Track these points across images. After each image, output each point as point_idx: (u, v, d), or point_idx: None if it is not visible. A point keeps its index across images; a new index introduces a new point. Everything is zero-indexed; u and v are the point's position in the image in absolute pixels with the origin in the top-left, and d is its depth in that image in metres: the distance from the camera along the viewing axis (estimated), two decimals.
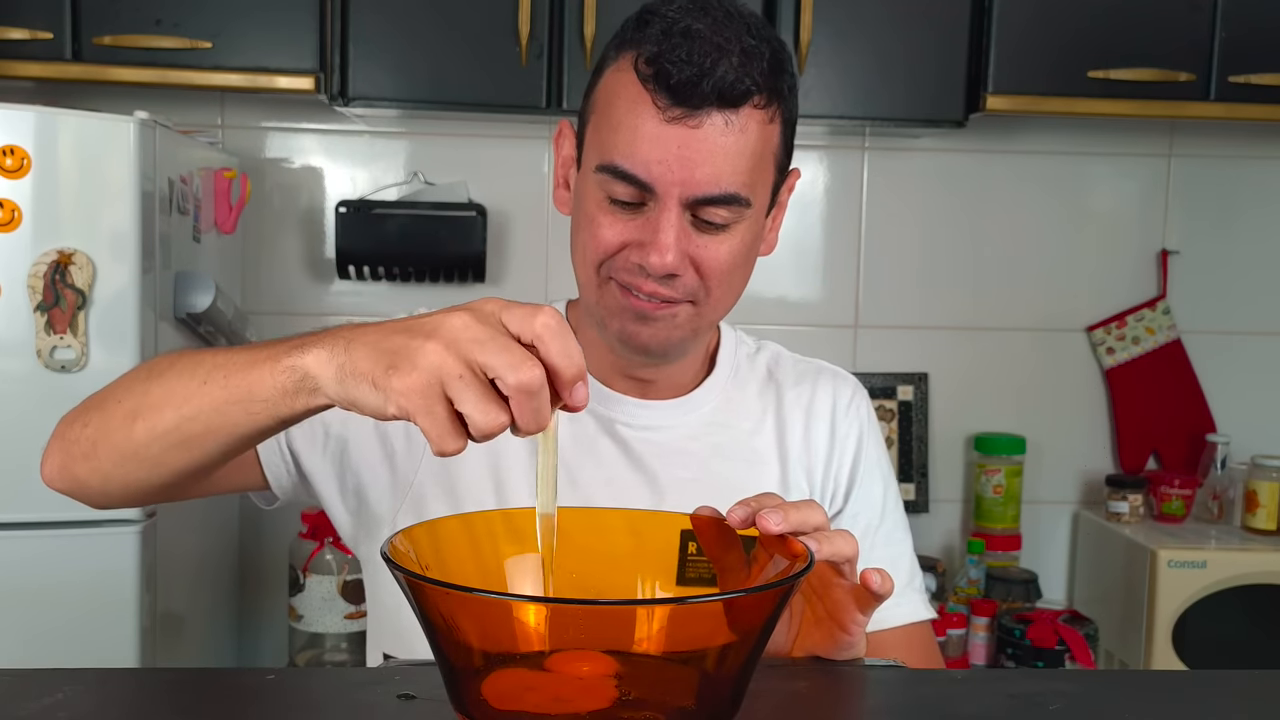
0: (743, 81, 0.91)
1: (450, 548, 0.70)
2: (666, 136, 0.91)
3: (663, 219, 0.93)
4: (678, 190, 0.92)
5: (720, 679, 0.61)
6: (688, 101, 0.90)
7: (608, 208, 0.95)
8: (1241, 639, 2.16)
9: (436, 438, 0.65)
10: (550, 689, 0.59)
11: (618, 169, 0.93)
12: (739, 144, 0.92)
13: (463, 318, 0.66)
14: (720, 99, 0.91)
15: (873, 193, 2.42)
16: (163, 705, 0.74)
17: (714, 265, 0.96)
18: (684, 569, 0.74)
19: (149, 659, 1.69)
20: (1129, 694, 0.80)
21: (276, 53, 1.96)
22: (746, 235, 0.97)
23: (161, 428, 0.80)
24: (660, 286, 0.95)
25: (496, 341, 0.64)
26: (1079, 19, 2.04)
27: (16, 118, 1.60)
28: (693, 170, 0.91)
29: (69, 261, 1.61)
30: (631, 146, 0.92)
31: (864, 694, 0.81)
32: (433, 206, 2.23)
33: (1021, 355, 2.47)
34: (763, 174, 0.97)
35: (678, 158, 0.91)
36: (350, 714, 0.72)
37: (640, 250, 0.94)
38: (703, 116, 0.91)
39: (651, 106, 0.91)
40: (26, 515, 1.62)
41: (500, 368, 0.64)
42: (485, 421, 0.64)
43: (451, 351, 0.64)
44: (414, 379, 0.65)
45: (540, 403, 0.64)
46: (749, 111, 0.93)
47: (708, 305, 0.98)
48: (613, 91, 0.95)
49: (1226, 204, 2.47)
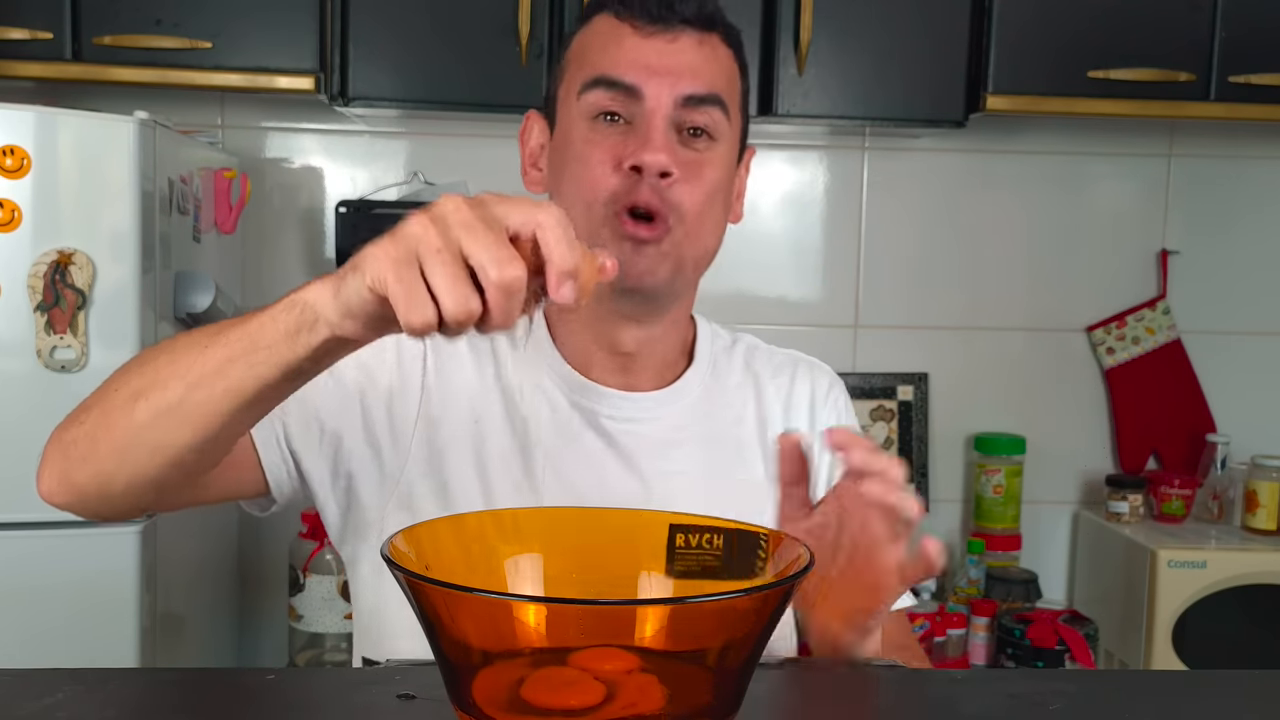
0: (709, 8, 1.01)
1: (450, 547, 0.70)
2: (646, 47, 0.99)
3: (653, 119, 0.98)
4: (666, 88, 0.98)
5: (720, 678, 0.61)
6: (662, 20, 0.99)
7: (597, 132, 1.00)
8: (1241, 639, 2.16)
9: (404, 305, 0.63)
10: (549, 687, 0.59)
11: (604, 78, 0.99)
12: (714, 58, 1.01)
13: (457, 200, 0.65)
14: (692, 20, 1.00)
15: (873, 193, 2.42)
16: (163, 705, 0.74)
17: (698, 178, 0.99)
18: (672, 561, 0.74)
19: (149, 659, 1.69)
20: (1129, 694, 0.80)
21: (276, 53, 1.96)
22: (722, 162, 1.02)
23: (166, 403, 0.78)
24: (654, 195, 0.97)
25: (488, 233, 0.63)
26: (1079, 19, 2.04)
27: (16, 118, 1.60)
28: (676, 71, 0.98)
29: (69, 261, 1.61)
30: (615, 57, 0.99)
31: (864, 694, 0.81)
32: None
33: (1021, 355, 2.47)
34: (733, 99, 1.03)
35: (660, 62, 0.98)
36: (350, 714, 0.72)
37: (634, 155, 0.97)
38: (677, 32, 0.99)
39: (629, 29, 1.00)
40: (26, 515, 1.62)
41: (484, 260, 0.62)
42: (454, 304, 0.62)
43: (435, 226, 0.63)
44: (387, 246, 0.64)
45: (514, 303, 0.63)
46: (719, 39, 1.02)
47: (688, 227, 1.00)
48: (588, 37, 1.03)
49: (1226, 204, 2.47)
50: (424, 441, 1.02)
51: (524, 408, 1.04)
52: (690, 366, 1.11)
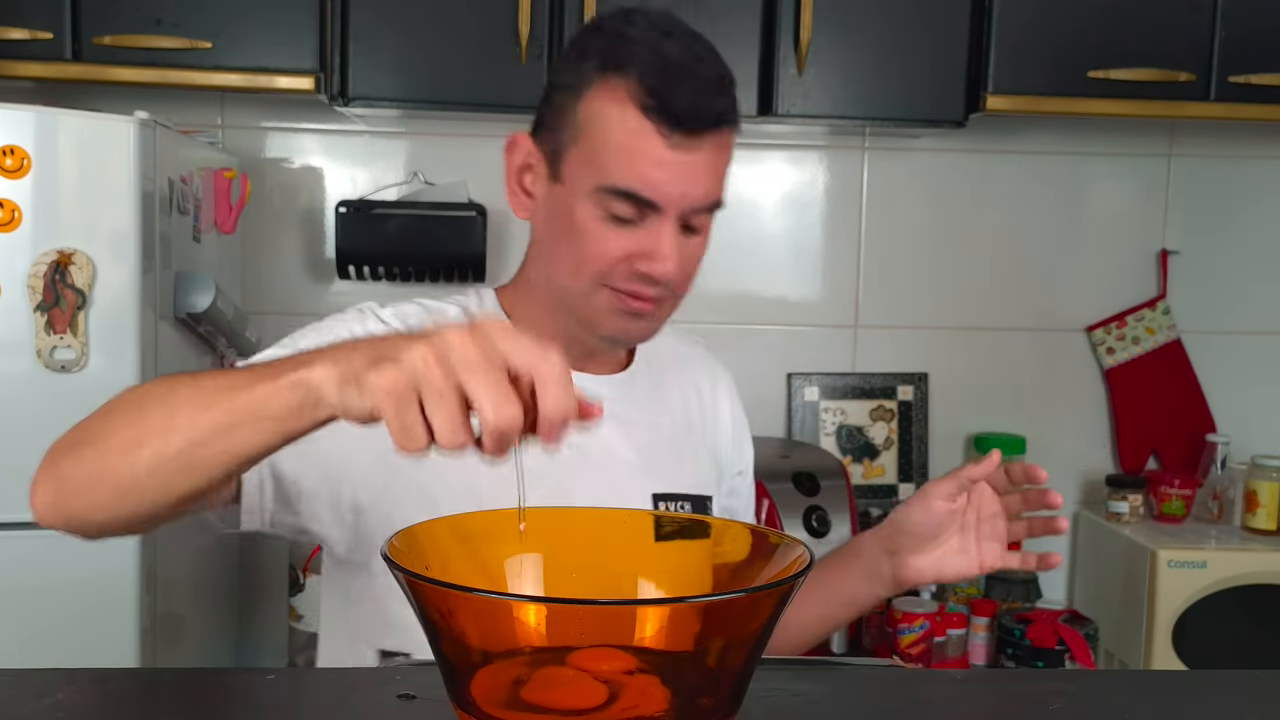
0: (732, 107, 1.03)
1: (450, 547, 0.70)
2: (672, 162, 1.00)
3: (664, 232, 1.02)
4: (679, 205, 1.02)
5: (720, 678, 0.61)
6: (692, 130, 1.00)
7: (607, 224, 1.03)
8: (1241, 639, 2.16)
9: (399, 436, 0.66)
10: (549, 687, 0.59)
11: (624, 191, 1.01)
12: (724, 158, 1.05)
13: (462, 334, 0.67)
14: (717, 123, 1.02)
15: (873, 193, 2.42)
16: (163, 705, 0.74)
17: (691, 264, 1.07)
18: (660, 527, 0.77)
19: (149, 659, 1.69)
20: (1129, 694, 0.80)
21: (276, 53, 1.96)
22: (708, 233, 1.09)
23: (167, 454, 0.79)
24: (649, 288, 1.05)
25: (489, 374, 0.65)
26: (1079, 19, 2.04)
27: (16, 118, 1.60)
28: (692, 187, 1.02)
29: (69, 261, 1.61)
30: (639, 171, 1.00)
31: (864, 694, 0.81)
32: (433, 206, 2.23)
33: (1021, 355, 2.47)
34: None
35: (681, 178, 1.01)
36: (350, 714, 0.72)
37: (645, 260, 1.03)
38: (703, 140, 1.01)
39: (655, 135, 1.00)
40: (26, 515, 1.61)
41: (483, 403, 0.65)
42: (450, 440, 0.66)
43: (439, 364, 0.66)
44: (392, 376, 0.66)
45: (508, 441, 0.67)
46: (729, 133, 1.05)
47: (677, 297, 1.09)
48: (605, 116, 1.02)
49: (1226, 204, 2.47)
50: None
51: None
52: (635, 352, 1.21)
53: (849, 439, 2.41)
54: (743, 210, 2.38)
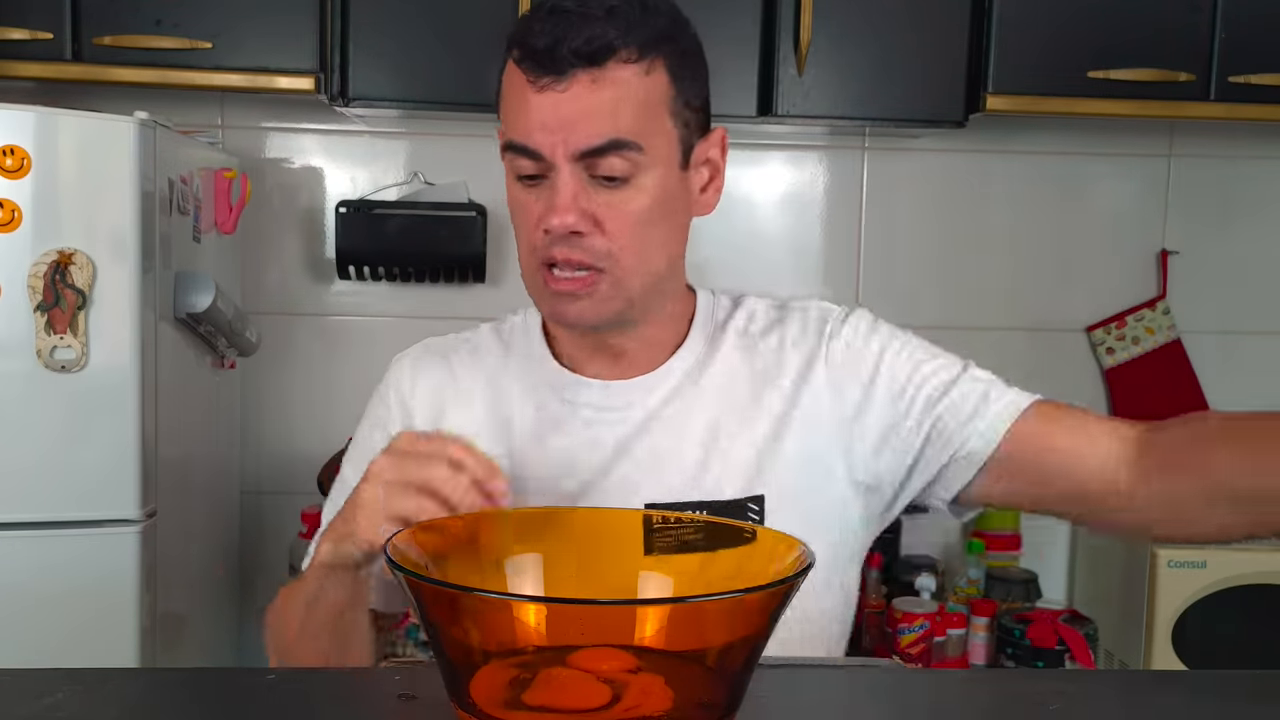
0: (603, 37, 0.95)
1: (450, 547, 0.70)
2: (541, 103, 0.96)
3: (556, 180, 0.97)
4: (561, 148, 0.95)
5: (720, 678, 0.61)
6: (551, 68, 0.95)
7: (522, 193, 1.00)
8: (1241, 639, 2.16)
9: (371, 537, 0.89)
10: (550, 687, 0.59)
11: (512, 144, 0.99)
12: (613, 96, 0.96)
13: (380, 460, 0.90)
14: (581, 58, 0.95)
15: (872, 193, 2.42)
16: (163, 705, 0.74)
17: (618, 220, 0.98)
18: (650, 541, 0.75)
19: (149, 659, 1.69)
20: (1129, 694, 0.80)
21: (276, 53, 1.96)
22: (651, 188, 0.98)
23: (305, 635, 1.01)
24: (570, 251, 0.97)
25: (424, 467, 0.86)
26: (1079, 19, 2.04)
27: (17, 118, 1.60)
28: (570, 127, 0.95)
29: (69, 261, 1.61)
30: (517, 119, 0.98)
31: (864, 694, 0.81)
32: (433, 206, 2.23)
33: (1021, 355, 2.47)
34: (653, 122, 0.98)
35: (554, 118, 0.95)
36: (350, 714, 0.72)
37: (544, 217, 0.97)
38: (569, 80, 0.95)
39: (524, 81, 0.97)
40: (26, 515, 1.62)
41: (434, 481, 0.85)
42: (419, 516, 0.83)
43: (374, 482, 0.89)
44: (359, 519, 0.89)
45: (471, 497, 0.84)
46: (616, 66, 0.96)
47: (623, 269, 0.99)
48: (504, 83, 1.01)
49: (1226, 204, 2.47)
50: None
51: None
52: (685, 343, 1.09)
53: None
54: (742, 210, 2.38)
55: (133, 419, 1.66)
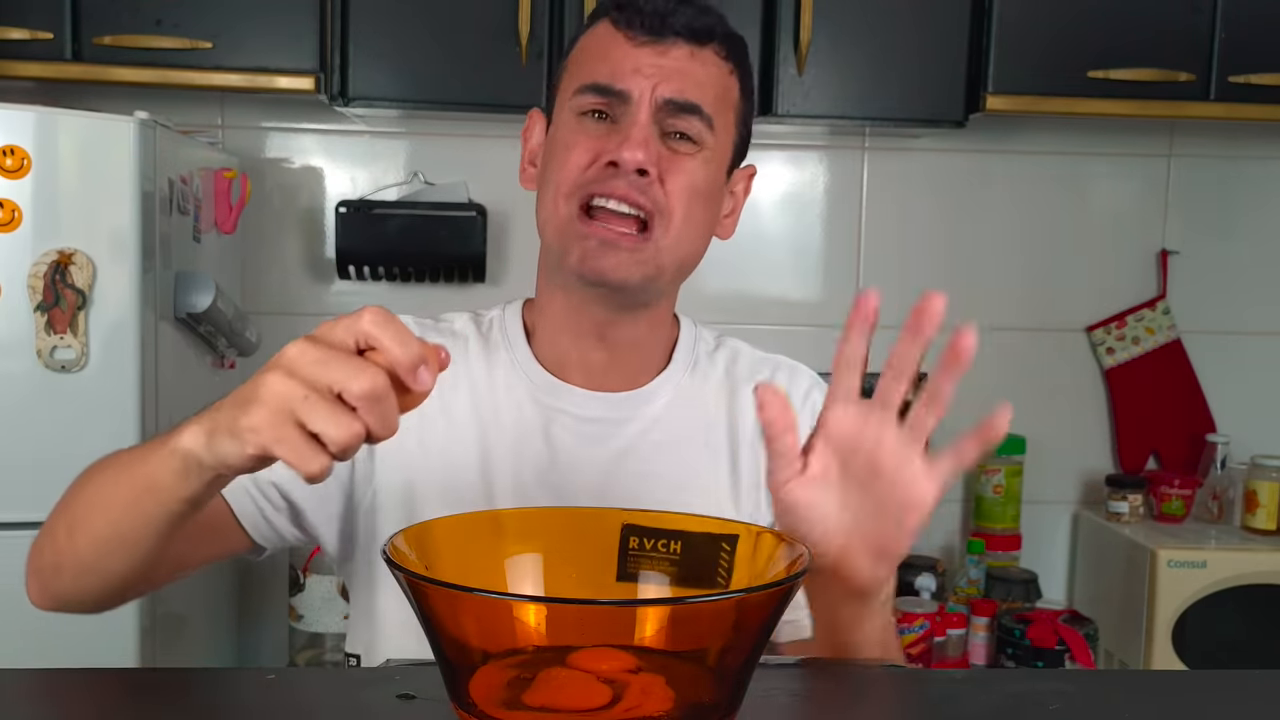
0: (706, 22, 1.01)
1: (450, 547, 0.70)
2: (637, 54, 1.00)
3: (635, 116, 0.99)
4: (649, 90, 0.99)
5: (720, 678, 0.61)
6: (656, 32, 1.00)
7: (582, 128, 1.01)
8: (1241, 639, 2.16)
9: (297, 461, 0.66)
10: (550, 687, 0.59)
11: (592, 84, 1.00)
12: (704, 72, 1.01)
13: (297, 345, 0.68)
14: (687, 33, 1.00)
15: (872, 193, 2.42)
16: (163, 705, 0.74)
17: (679, 181, 0.99)
18: (624, 564, 0.74)
19: (149, 659, 1.69)
20: (1129, 694, 0.80)
21: (277, 53, 1.96)
22: (707, 171, 1.02)
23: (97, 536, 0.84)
24: (630, 189, 0.98)
25: (335, 358, 0.66)
26: (1079, 19, 2.04)
27: (17, 118, 1.60)
28: (662, 77, 0.99)
29: (69, 261, 1.61)
30: (607, 64, 1.00)
31: (864, 694, 0.81)
32: (433, 206, 2.23)
33: (1021, 355, 2.47)
34: (723, 116, 1.03)
35: (648, 66, 0.99)
36: (350, 714, 0.72)
37: (614, 150, 0.98)
38: (669, 45, 1.00)
39: (622, 38, 1.01)
40: (27, 515, 1.62)
41: (342, 379, 0.65)
42: (339, 434, 0.65)
43: (292, 376, 0.66)
44: (260, 414, 0.67)
45: (387, 407, 0.66)
46: (710, 53, 1.02)
47: (668, 231, 0.99)
48: (587, 43, 1.04)
49: (1226, 204, 2.47)
50: (396, 448, 1.02)
51: None
52: (667, 368, 1.10)
53: None
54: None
55: (133, 419, 1.65)
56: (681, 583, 0.73)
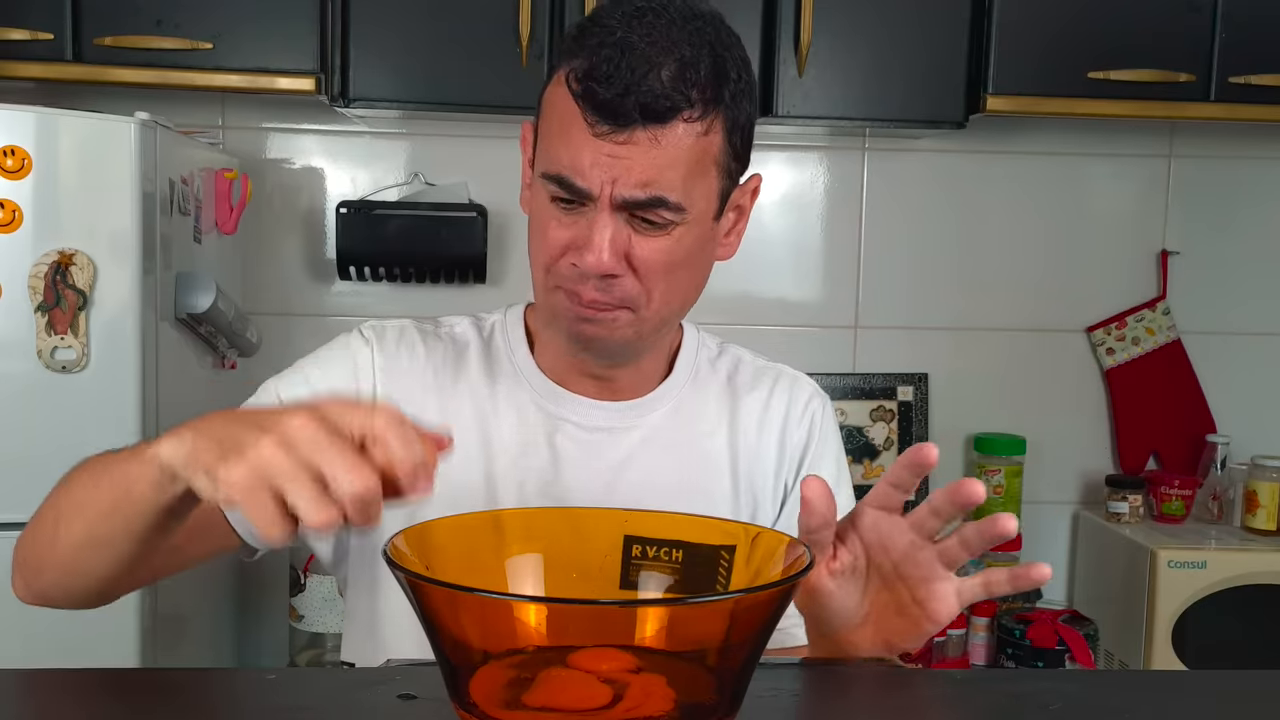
0: (670, 98, 0.92)
1: (450, 547, 0.70)
2: (596, 145, 0.93)
3: (597, 220, 0.94)
4: (609, 191, 0.93)
5: (720, 678, 0.61)
6: (614, 120, 0.92)
7: (552, 211, 0.97)
8: (1241, 639, 2.16)
9: (261, 525, 0.65)
10: (550, 687, 0.59)
11: (555, 174, 0.95)
12: (669, 156, 0.94)
13: (301, 416, 0.67)
14: (647, 116, 0.92)
15: (873, 193, 2.42)
16: (163, 705, 0.74)
17: (652, 265, 0.97)
18: (627, 572, 0.74)
19: (149, 659, 1.69)
20: (1129, 694, 0.80)
21: (277, 54, 1.96)
22: (687, 239, 0.98)
23: (78, 537, 0.83)
24: (599, 292, 0.96)
25: (334, 446, 0.65)
26: (1079, 20, 2.04)
27: (17, 118, 1.60)
28: (623, 176, 0.93)
29: (69, 262, 1.61)
30: (566, 155, 0.94)
31: (864, 694, 0.81)
32: (433, 207, 2.23)
33: (1021, 355, 2.47)
34: (700, 181, 0.97)
35: (608, 164, 0.93)
36: (350, 714, 0.72)
37: (578, 252, 0.95)
38: (629, 133, 0.93)
39: (581, 122, 0.93)
40: (27, 515, 1.62)
41: (336, 474, 0.65)
42: (315, 518, 0.64)
43: (286, 451, 0.65)
44: (242, 472, 0.65)
45: (374, 509, 0.65)
46: (679, 125, 0.94)
47: (649, 309, 0.99)
48: (551, 103, 0.97)
49: (1226, 204, 2.47)
50: None
51: None
52: (669, 377, 1.10)
53: (849, 439, 2.41)
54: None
55: (133, 419, 1.65)
56: (683, 591, 0.73)
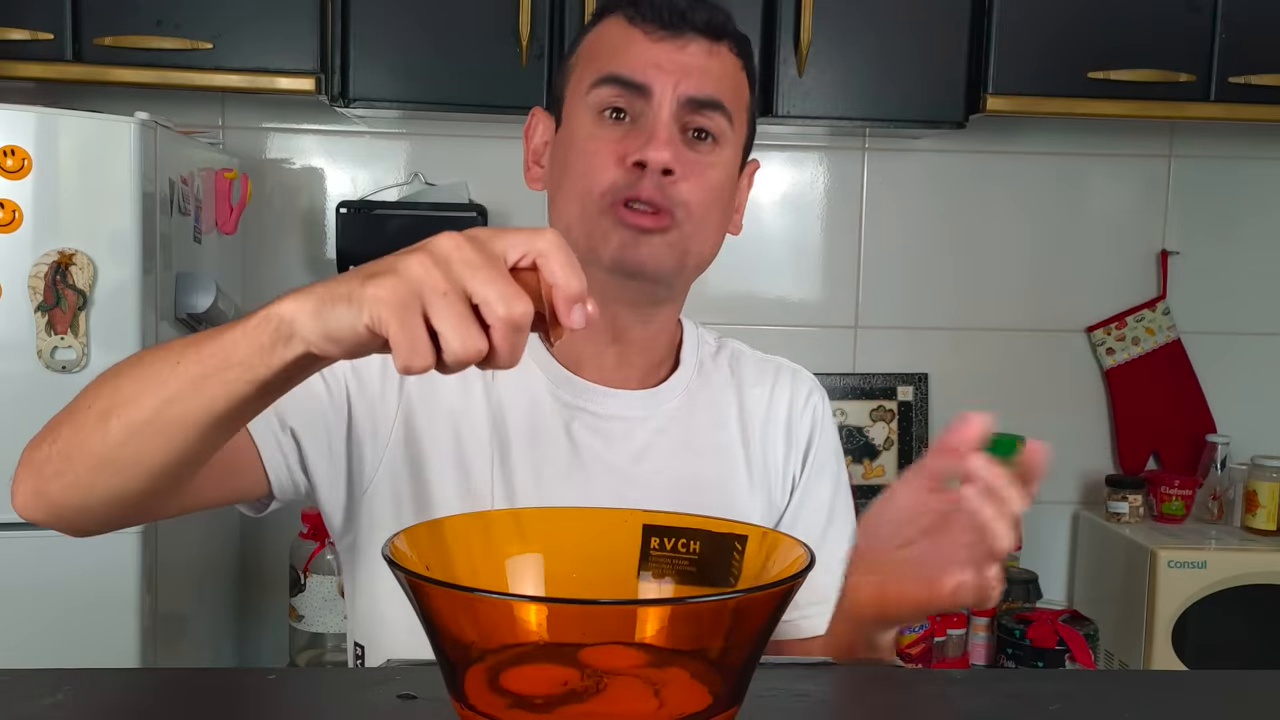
0: (720, 19, 1.03)
1: (451, 547, 0.70)
2: (656, 49, 1.01)
3: (659, 117, 1.00)
4: (671, 87, 1.00)
5: (721, 676, 0.61)
6: (673, 27, 1.01)
7: (602, 128, 1.01)
8: (1241, 639, 2.16)
9: (406, 350, 0.61)
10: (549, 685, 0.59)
11: (613, 75, 1.01)
12: (721, 68, 1.03)
13: (456, 238, 0.63)
14: (704, 29, 1.01)
15: (873, 193, 2.42)
16: (163, 705, 0.74)
17: (700, 180, 1.01)
18: (645, 561, 0.74)
19: (149, 659, 1.69)
20: (1129, 694, 0.80)
21: (277, 54, 1.96)
22: (727, 167, 1.04)
23: (138, 420, 0.75)
24: (656, 190, 0.99)
25: (491, 269, 0.62)
26: (1079, 20, 2.05)
27: (17, 118, 1.60)
28: (684, 72, 1.00)
29: (70, 262, 1.61)
30: (625, 57, 1.01)
31: (864, 694, 0.81)
32: (433, 207, 2.23)
33: (1021, 355, 2.47)
34: (740, 110, 1.05)
35: (668, 61, 1.00)
36: (350, 714, 0.72)
37: (639, 151, 0.99)
38: (687, 40, 1.01)
39: (639, 33, 1.01)
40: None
41: (491, 297, 0.61)
42: (462, 346, 0.61)
43: (440, 267, 0.62)
44: (393, 286, 0.62)
45: (521, 339, 0.62)
46: (726, 49, 1.03)
47: (692, 226, 1.02)
48: (599, 37, 1.04)
49: (1226, 205, 2.47)
50: (403, 425, 1.02)
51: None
52: (677, 369, 1.11)
53: (849, 439, 2.41)
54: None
55: None
56: (699, 581, 0.73)
